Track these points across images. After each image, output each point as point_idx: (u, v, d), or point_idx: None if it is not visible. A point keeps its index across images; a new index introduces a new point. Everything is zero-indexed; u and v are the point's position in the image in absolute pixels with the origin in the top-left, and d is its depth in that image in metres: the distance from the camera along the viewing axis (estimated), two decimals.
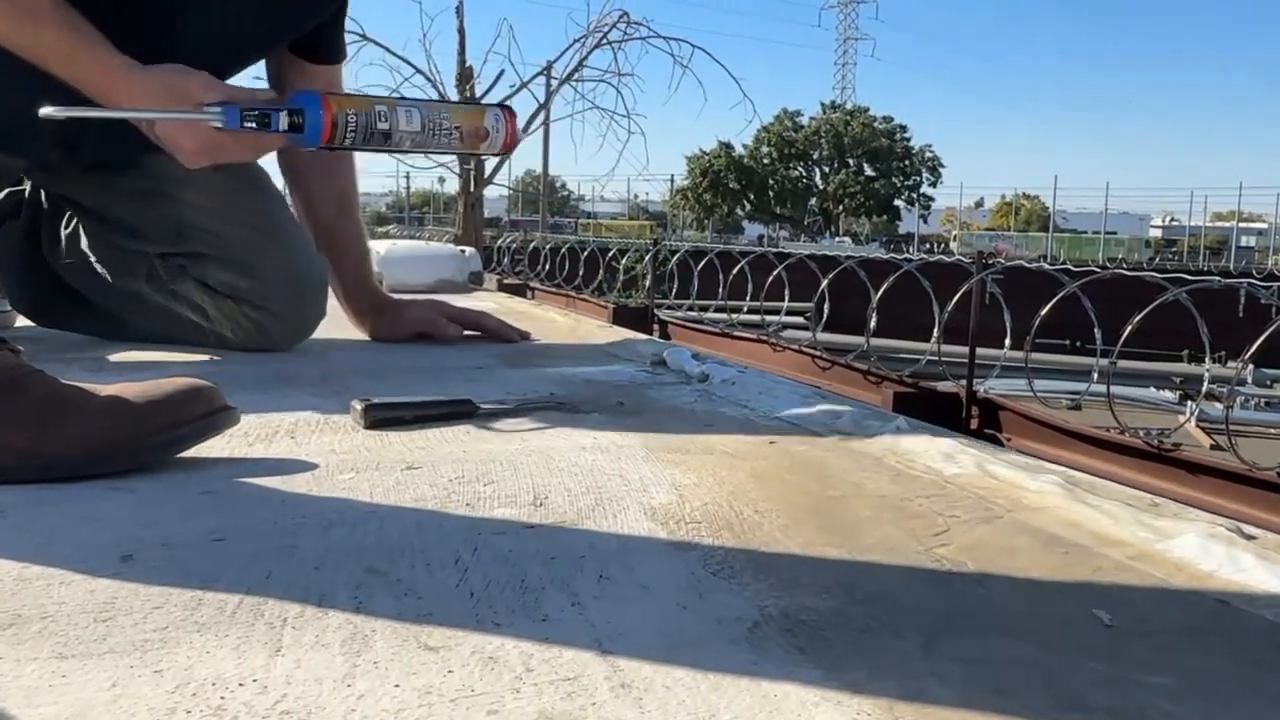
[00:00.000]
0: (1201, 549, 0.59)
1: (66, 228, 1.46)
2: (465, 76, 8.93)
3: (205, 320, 1.46)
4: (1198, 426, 5.87)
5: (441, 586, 0.54)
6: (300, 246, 1.49)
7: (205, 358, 1.36)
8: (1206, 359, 2.89)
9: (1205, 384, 3.40)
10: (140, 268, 1.43)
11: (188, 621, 0.49)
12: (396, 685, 0.43)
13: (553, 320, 2.01)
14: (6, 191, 1.49)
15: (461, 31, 8.88)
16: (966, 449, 0.83)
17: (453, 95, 8.75)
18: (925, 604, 0.54)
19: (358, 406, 0.92)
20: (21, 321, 1.59)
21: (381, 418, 0.91)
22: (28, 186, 1.51)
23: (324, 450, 0.83)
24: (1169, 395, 8.06)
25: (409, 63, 8.38)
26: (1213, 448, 4.83)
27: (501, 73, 8.67)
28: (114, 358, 1.31)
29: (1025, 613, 0.53)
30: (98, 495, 0.69)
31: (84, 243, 1.45)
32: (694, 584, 0.56)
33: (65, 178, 1.42)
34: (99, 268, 1.45)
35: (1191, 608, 0.54)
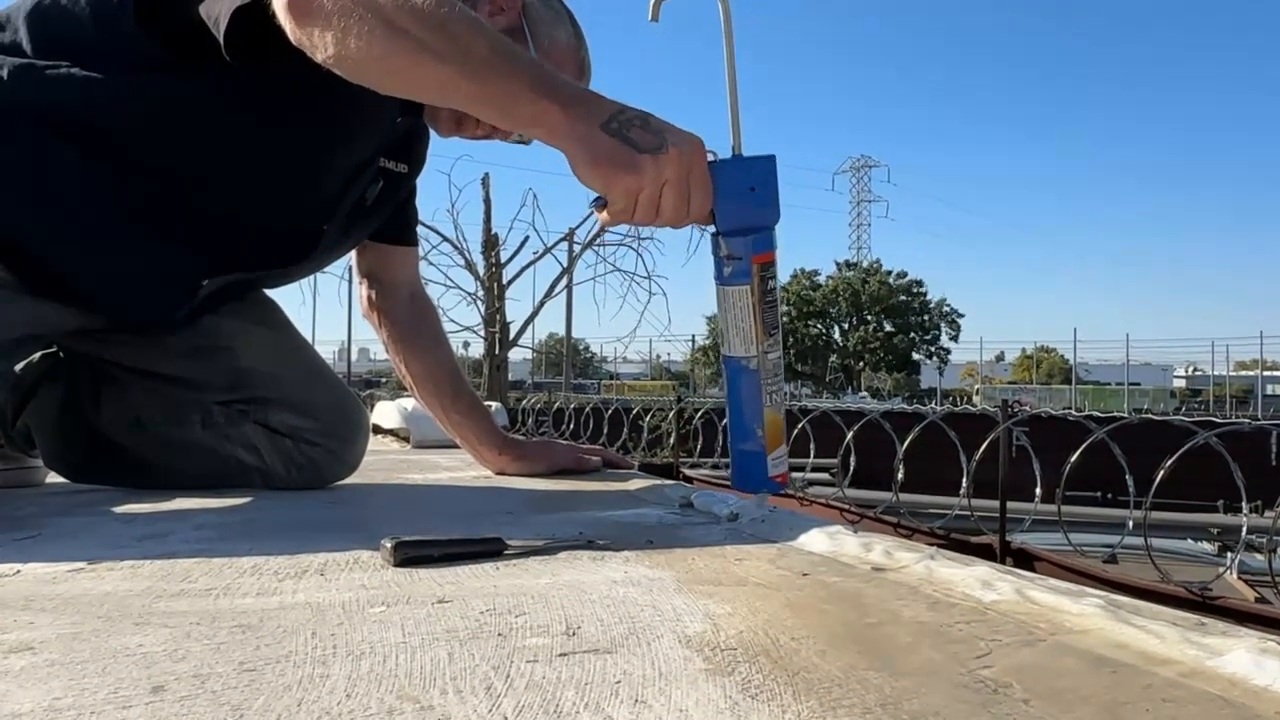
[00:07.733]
0: (1255, 664, 0.58)
1: (108, 383, 1.49)
2: (491, 244, 9.25)
3: (259, 460, 1.49)
4: (1239, 579, 5.71)
5: (474, 712, 0.53)
6: (342, 385, 1.63)
7: (236, 503, 1.36)
8: (1244, 506, 2.82)
9: (1244, 533, 3.33)
10: (195, 415, 1.47)
11: None
12: None
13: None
14: (41, 354, 1.52)
15: (488, 201, 9.25)
16: (1004, 576, 0.81)
17: (479, 261, 9.03)
18: None
19: (387, 545, 0.92)
20: (52, 477, 1.60)
21: (411, 555, 0.91)
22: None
23: (354, 586, 0.83)
24: (1207, 546, 7.86)
25: (437, 231, 8.71)
26: (1257, 600, 4.67)
27: (526, 239, 8.99)
28: (147, 508, 1.32)
29: None
30: (129, 631, 0.68)
31: (129, 397, 1.48)
32: (733, 706, 0.54)
33: (110, 343, 1.45)
34: (147, 419, 1.47)
35: None
